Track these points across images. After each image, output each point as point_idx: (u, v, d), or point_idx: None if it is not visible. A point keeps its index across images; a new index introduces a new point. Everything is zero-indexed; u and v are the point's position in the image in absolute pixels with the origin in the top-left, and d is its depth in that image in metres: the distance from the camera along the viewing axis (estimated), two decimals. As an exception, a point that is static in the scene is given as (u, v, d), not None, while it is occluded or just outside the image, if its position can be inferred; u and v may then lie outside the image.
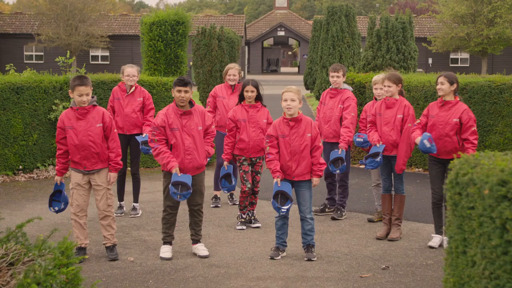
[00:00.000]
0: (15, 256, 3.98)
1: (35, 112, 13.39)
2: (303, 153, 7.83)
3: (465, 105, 8.38)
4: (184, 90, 7.81)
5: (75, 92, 7.76)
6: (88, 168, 7.90)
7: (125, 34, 55.35)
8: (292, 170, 7.84)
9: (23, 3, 62.08)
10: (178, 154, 7.84)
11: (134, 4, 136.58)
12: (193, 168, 7.90)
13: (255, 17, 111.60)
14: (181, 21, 14.75)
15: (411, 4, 78.67)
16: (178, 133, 7.80)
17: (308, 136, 7.84)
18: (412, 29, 19.37)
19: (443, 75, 8.47)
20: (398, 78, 8.95)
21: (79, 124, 7.82)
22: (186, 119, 7.85)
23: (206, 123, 8.03)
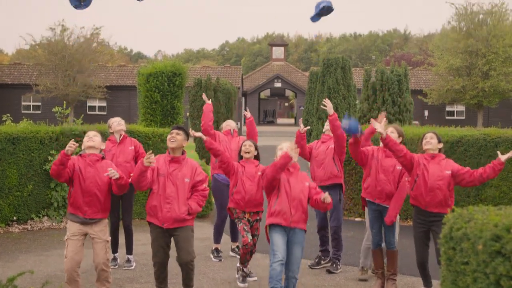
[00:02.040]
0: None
1: (31, 163, 13.36)
2: (301, 200, 7.80)
3: (451, 160, 8.61)
4: (176, 132, 7.87)
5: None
6: (89, 216, 7.86)
7: (123, 84, 55.64)
8: (291, 215, 7.74)
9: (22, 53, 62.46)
10: (157, 201, 7.73)
11: (132, 55, 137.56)
12: (171, 218, 7.70)
13: (252, 68, 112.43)
14: (178, 72, 14.84)
15: (407, 56, 79.32)
16: (162, 179, 7.74)
17: (306, 185, 7.88)
18: (407, 82, 19.50)
19: (433, 131, 8.72)
20: (401, 131, 9.28)
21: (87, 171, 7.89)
22: (174, 167, 7.80)
23: (195, 178, 7.89)
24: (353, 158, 9.43)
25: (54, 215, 13.67)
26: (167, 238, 7.86)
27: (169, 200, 7.70)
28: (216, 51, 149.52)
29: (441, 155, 8.47)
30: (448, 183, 8.27)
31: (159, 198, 7.73)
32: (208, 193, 9.05)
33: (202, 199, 7.90)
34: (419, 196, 8.32)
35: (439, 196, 8.23)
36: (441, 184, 8.24)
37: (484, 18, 48.38)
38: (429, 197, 8.26)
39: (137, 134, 14.33)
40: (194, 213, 7.85)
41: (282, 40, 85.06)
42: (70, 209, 7.90)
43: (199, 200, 7.87)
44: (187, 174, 7.81)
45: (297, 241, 7.79)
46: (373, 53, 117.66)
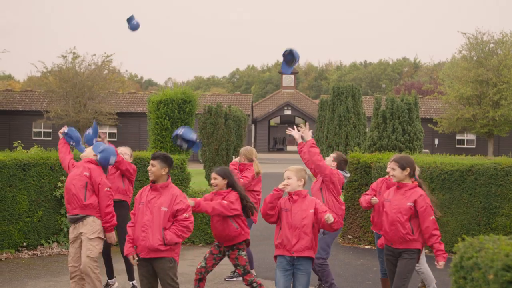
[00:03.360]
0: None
1: (41, 189, 13.40)
2: (304, 228, 7.53)
3: (422, 191, 7.82)
4: (151, 164, 7.83)
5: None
6: (70, 213, 8.18)
7: (133, 111, 55.90)
8: (292, 245, 7.53)
9: (33, 81, 62.82)
10: (137, 229, 7.64)
11: (142, 82, 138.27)
12: (145, 248, 7.53)
13: (262, 96, 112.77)
14: (188, 100, 14.90)
15: (417, 85, 79.44)
16: (141, 208, 7.64)
17: (311, 212, 7.56)
18: (417, 110, 19.52)
19: (394, 159, 7.92)
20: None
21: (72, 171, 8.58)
22: (153, 195, 7.67)
23: (174, 207, 7.59)
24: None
25: (63, 241, 13.68)
26: (148, 267, 7.64)
27: (145, 229, 7.52)
28: (226, 78, 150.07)
29: (408, 185, 7.81)
30: (410, 217, 7.70)
31: (138, 226, 7.61)
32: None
33: (182, 229, 7.57)
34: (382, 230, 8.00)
35: (400, 230, 7.70)
36: (400, 217, 7.70)
37: (495, 48, 48.48)
38: (391, 231, 7.80)
39: (147, 160, 14.36)
40: (170, 243, 7.55)
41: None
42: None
43: (177, 231, 7.54)
44: (164, 202, 7.59)
45: (302, 269, 7.57)
46: (383, 81, 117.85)
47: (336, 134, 26.40)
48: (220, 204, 8.43)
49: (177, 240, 7.54)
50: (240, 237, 8.77)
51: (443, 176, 13.63)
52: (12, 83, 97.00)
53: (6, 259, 12.70)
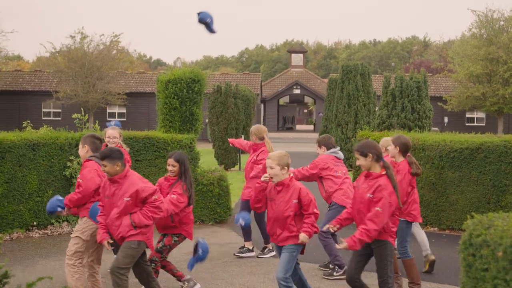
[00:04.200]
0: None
1: (51, 169, 13.44)
2: (287, 220, 7.44)
3: (383, 180, 7.20)
4: (102, 165, 7.62)
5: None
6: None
7: (142, 91, 55.90)
8: (277, 235, 7.55)
9: (42, 61, 62.95)
10: (107, 220, 7.67)
11: (151, 62, 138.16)
12: (118, 238, 7.59)
13: (271, 75, 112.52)
14: (196, 79, 14.86)
15: (426, 63, 79.10)
16: (107, 201, 7.63)
17: (294, 203, 7.40)
18: (427, 88, 19.44)
19: (355, 148, 7.46)
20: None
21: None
22: (115, 187, 7.60)
23: (140, 196, 7.56)
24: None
25: (74, 220, 13.74)
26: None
27: (112, 222, 7.57)
28: (235, 58, 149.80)
29: (374, 174, 7.30)
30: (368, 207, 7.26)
31: (108, 218, 7.64)
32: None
33: (153, 210, 7.58)
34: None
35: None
36: (362, 208, 7.33)
37: (505, 25, 48.19)
38: (357, 220, 7.48)
39: (156, 140, 14.38)
40: (140, 226, 7.56)
41: (301, 47, 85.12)
42: None
43: (147, 212, 7.54)
44: (126, 193, 7.54)
45: (286, 248, 7.53)
46: (392, 60, 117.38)
47: (345, 112, 26.34)
48: (170, 202, 8.44)
49: (146, 222, 7.53)
50: (175, 230, 8.86)
51: (452, 154, 13.61)
52: (22, 63, 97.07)
53: (17, 238, 12.77)
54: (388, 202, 7.08)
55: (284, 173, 7.50)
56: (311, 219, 7.43)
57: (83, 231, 8.06)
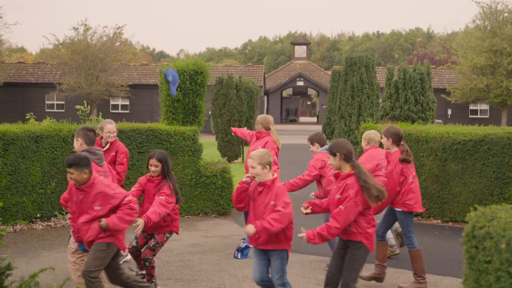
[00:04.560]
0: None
1: (54, 161, 13.45)
2: None
3: (351, 179, 7.06)
4: (69, 173, 7.33)
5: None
6: None
7: (145, 83, 55.89)
8: (256, 237, 7.12)
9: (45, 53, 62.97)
10: (76, 224, 7.52)
11: (154, 54, 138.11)
12: (89, 243, 7.43)
13: (274, 67, 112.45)
14: (199, 71, 14.85)
15: (430, 55, 78.98)
16: (76, 207, 7.45)
17: (272, 204, 7.04)
18: (430, 80, 19.41)
19: (327, 148, 7.35)
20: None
21: None
22: (82, 195, 7.38)
23: (112, 203, 7.32)
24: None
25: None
26: None
27: (81, 227, 7.41)
28: (238, 50, 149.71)
29: (343, 174, 7.19)
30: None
31: (77, 222, 7.49)
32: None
33: (129, 213, 7.32)
34: None
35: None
36: (333, 209, 7.15)
37: (509, 17, 48.07)
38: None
39: (159, 132, 14.38)
40: (115, 229, 7.35)
41: (305, 39, 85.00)
42: None
43: (123, 215, 7.29)
44: (96, 201, 7.33)
45: (275, 255, 7.15)
46: (395, 51, 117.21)
47: (348, 104, 26.31)
48: (161, 205, 8.29)
49: (122, 226, 7.32)
50: (167, 228, 8.76)
51: (456, 146, 13.59)
52: (25, 55, 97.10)
53: (20, 230, 12.79)
54: (353, 201, 6.91)
55: (266, 172, 7.12)
56: (273, 215, 6.91)
57: None
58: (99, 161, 8.08)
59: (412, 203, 8.99)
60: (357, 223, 6.99)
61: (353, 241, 7.05)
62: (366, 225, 7.02)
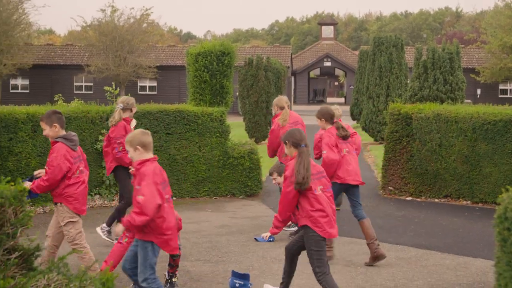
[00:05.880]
0: (56, 286, 3.97)
1: (82, 142, 13.48)
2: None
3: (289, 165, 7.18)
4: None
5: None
6: None
7: (173, 64, 55.92)
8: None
9: (74, 35, 63.05)
10: None
11: (182, 35, 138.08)
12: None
13: (301, 47, 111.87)
14: (226, 52, 14.81)
15: (459, 34, 78.16)
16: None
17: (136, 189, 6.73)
18: (459, 60, 19.17)
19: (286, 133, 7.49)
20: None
21: None
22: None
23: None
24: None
25: (105, 193, 13.83)
26: None
27: None
28: (265, 30, 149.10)
29: (289, 158, 7.35)
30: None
31: None
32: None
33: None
34: None
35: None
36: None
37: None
38: None
39: (187, 113, 14.38)
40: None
41: (332, 19, 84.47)
42: None
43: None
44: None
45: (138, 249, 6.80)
46: (424, 31, 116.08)
47: (376, 85, 26.12)
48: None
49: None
50: None
51: (486, 126, 13.43)
52: (53, 37, 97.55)
53: (50, 211, 12.88)
54: (288, 181, 7.00)
55: (139, 154, 6.76)
56: (134, 208, 6.56)
57: (69, 215, 7.83)
58: (74, 147, 7.97)
59: (344, 176, 9.34)
60: (302, 206, 7.03)
61: (301, 226, 7.12)
62: (310, 208, 6.98)
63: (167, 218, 6.64)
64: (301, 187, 6.88)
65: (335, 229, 7.13)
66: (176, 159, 14.34)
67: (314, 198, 6.99)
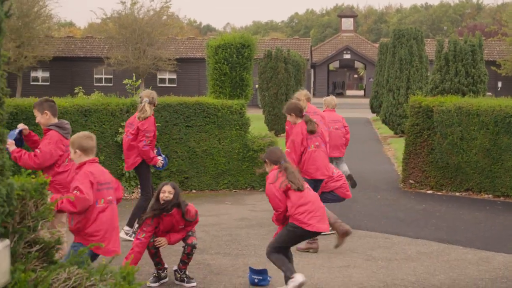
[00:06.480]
0: (77, 280, 3.97)
1: (102, 135, 13.52)
2: None
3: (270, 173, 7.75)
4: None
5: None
6: None
7: (192, 57, 55.92)
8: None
9: (93, 27, 63.27)
10: None
11: (201, 28, 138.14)
12: None
13: (321, 40, 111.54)
14: (246, 44, 14.76)
15: (479, 27, 77.58)
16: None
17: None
18: (482, 52, 18.98)
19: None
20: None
21: None
22: None
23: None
24: None
25: (125, 185, 13.84)
26: None
27: None
28: (285, 23, 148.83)
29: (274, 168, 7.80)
30: None
31: None
32: None
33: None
34: None
35: None
36: None
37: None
38: None
39: (206, 106, 14.36)
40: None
41: (352, 11, 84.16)
42: None
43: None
44: None
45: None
46: (444, 23, 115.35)
47: (397, 77, 25.96)
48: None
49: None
50: None
51: (508, 119, 13.29)
52: (73, 30, 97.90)
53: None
54: (270, 192, 7.50)
55: (77, 157, 6.84)
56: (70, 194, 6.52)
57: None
58: (67, 135, 7.92)
59: (312, 171, 9.59)
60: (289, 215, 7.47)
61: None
62: (293, 211, 7.40)
63: (98, 220, 6.66)
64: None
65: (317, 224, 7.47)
66: (195, 151, 14.33)
67: (297, 199, 7.46)
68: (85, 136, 6.91)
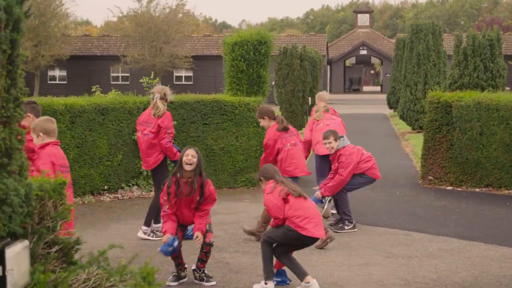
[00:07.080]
0: (97, 281, 3.93)
1: (120, 133, 13.52)
2: None
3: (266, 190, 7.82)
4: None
5: None
6: None
7: (208, 54, 55.94)
8: None
9: (110, 26, 63.61)
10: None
11: (217, 25, 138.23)
12: None
13: (337, 36, 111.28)
14: (263, 41, 14.70)
15: (496, 21, 77.07)
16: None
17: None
18: (500, 46, 18.81)
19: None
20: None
21: None
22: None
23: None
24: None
25: (143, 184, 13.84)
26: None
27: None
28: (300, 19, 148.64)
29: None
30: None
31: None
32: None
33: None
34: None
35: None
36: None
37: None
38: None
39: (224, 103, 14.32)
40: None
41: (367, 6, 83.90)
42: None
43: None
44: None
45: None
46: (461, 18, 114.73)
47: (414, 73, 25.81)
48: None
49: None
50: None
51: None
52: (90, 28, 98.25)
53: (88, 203, 12.92)
54: (268, 201, 7.57)
55: (40, 140, 6.96)
56: None
57: None
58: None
59: (291, 169, 10.02)
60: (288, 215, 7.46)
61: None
62: (290, 214, 7.40)
63: None
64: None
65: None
66: (213, 149, 14.30)
67: (293, 204, 7.48)
68: (46, 119, 7.17)
